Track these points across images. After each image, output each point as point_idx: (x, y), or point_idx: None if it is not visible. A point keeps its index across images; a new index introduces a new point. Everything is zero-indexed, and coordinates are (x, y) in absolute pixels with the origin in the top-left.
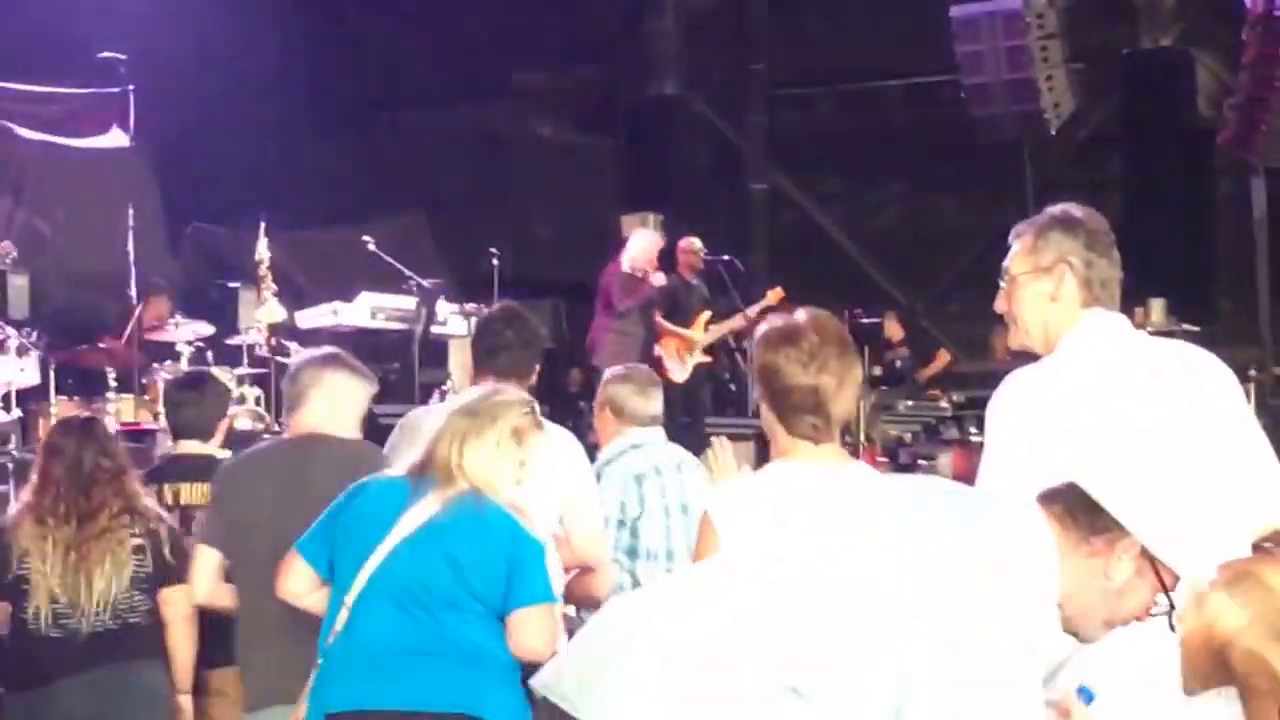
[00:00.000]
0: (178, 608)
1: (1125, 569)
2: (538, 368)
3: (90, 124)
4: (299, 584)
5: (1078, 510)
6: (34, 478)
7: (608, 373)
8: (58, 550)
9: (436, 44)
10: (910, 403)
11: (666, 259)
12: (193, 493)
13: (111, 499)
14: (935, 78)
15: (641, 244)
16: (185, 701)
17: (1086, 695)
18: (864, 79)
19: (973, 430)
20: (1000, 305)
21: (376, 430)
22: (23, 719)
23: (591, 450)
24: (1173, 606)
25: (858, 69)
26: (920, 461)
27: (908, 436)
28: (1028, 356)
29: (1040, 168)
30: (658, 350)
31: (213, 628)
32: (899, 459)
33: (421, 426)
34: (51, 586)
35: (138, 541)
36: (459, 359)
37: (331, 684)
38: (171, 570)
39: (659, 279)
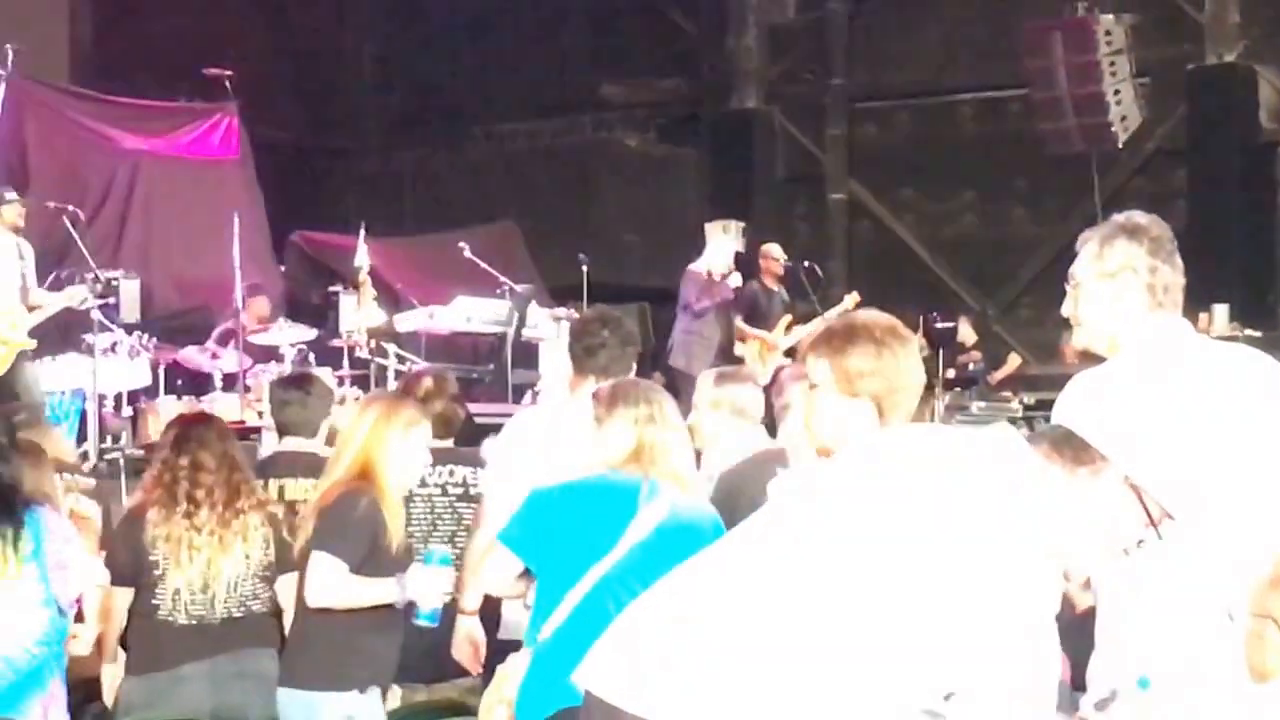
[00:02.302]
0: (293, 595)
1: (1108, 496)
2: (634, 367)
3: (197, 136)
4: (503, 574)
5: (1062, 445)
6: (158, 469)
7: (712, 373)
8: (199, 539)
9: (528, 59)
10: (982, 404)
11: (747, 265)
12: (297, 488)
13: (239, 488)
14: (1007, 92)
15: (718, 248)
16: None
17: (1143, 684)
18: (938, 93)
19: None
20: (1067, 309)
21: (473, 430)
22: (143, 703)
23: None
24: (1160, 537)
25: (933, 83)
26: None
27: None
28: (1096, 359)
29: (1107, 179)
30: (739, 352)
31: None
32: None
33: (537, 426)
34: (186, 573)
35: (263, 529)
36: (550, 361)
37: (553, 680)
38: (290, 558)
39: (735, 281)
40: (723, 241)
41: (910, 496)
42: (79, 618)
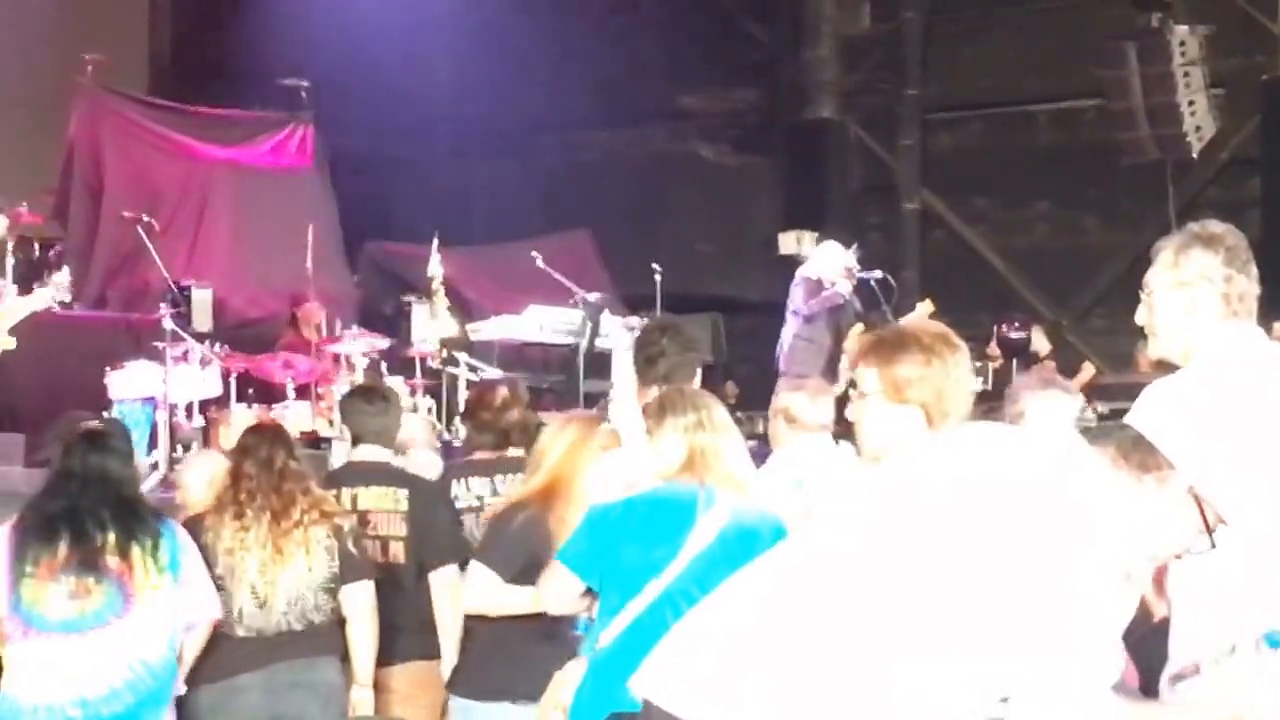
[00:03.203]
0: (360, 604)
1: (1173, 504)
2: (698, 374)
3: (273, 146)
4: (564, 594)
5: (1130, 451)
6: (226, 477)
7: (781, 382)
8: (256, 546)
9: (601, 69)
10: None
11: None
12: (369, 497)
13: (300, 498)
14: (1080, 102)
15: (828, 254)
16: (366, 695)
17: (1271, 641)
18: (1012, 103)
19: None
20: (1141, 317)
21: None
22: (204, 713)
23: (759, 456)
24: (1213, 545)
25: (1006, 93)
26: None
27: None
28: (1171, 369)
29: (1181, 188)
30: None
31: (384, 627)
32: None
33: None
34: (249, 584)
35: (326, 542)
36: (621, 370)
37: (610, 689)
38: (355, 568)
39: (844, 288)
40: (831, 247)
41: (970, 504)
42: None
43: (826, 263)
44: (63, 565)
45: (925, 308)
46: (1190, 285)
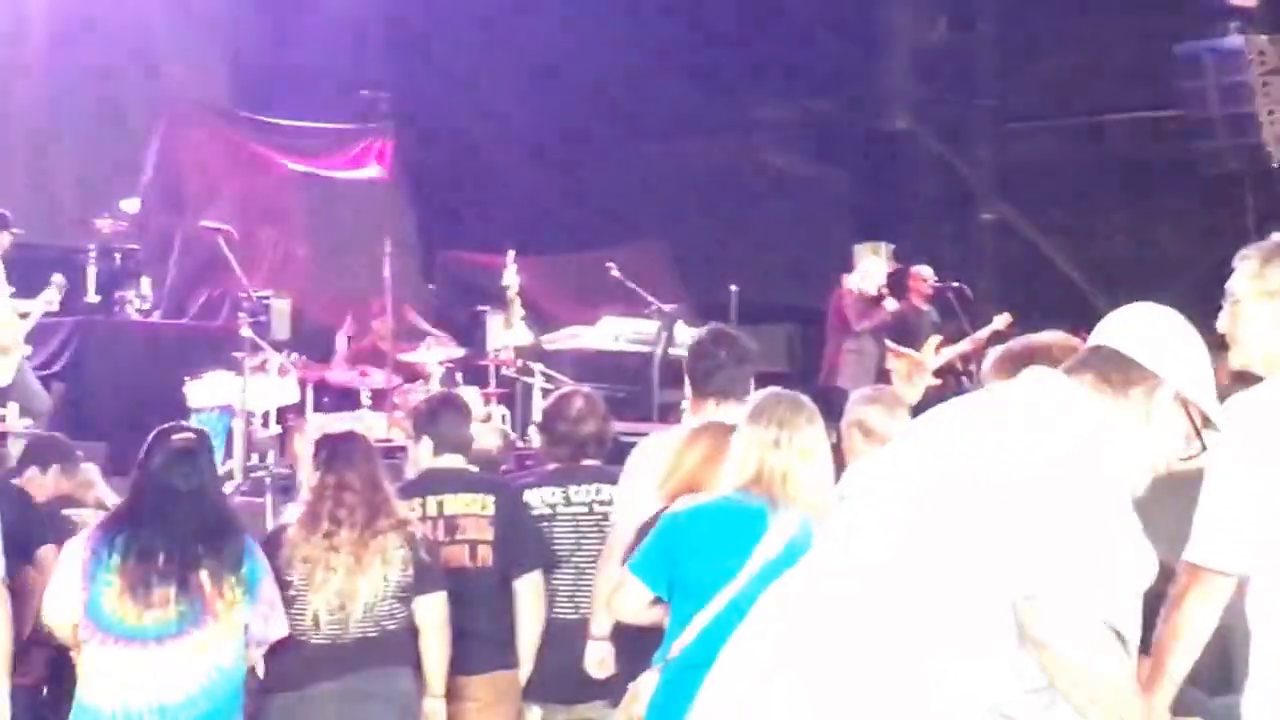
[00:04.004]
0: (433, 615)
1: (1164, 412)
2: (751, 385)
3: (350, 156)
4: (633, 602)
5: (1110, 371)
6: (307, 489)
7: (855, 394)
8: (336, 559)
9: (676, 78)
10: None
11: (897, 286)
12: (457, 503)
13: (380, 508)
14: (1158, 112)
15: (871, 268)
16: (439, 705)
17: None
18: (1089, 113)
19: None
20: (1223, 325)
21: (617, 448)
22: None
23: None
24: (1204, 448)
25: (1083, 103)
26: None
27: None
28: (1252, 379)
29: (1260, 199)
30: (888, 364)
31: (466, 635)
32: None
33: (660, 448)
34: (323, 594)
35: (401, 551)
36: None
37: (681, 698)
38: (428, 578)
39: (891, 305)
40: (874, 263)
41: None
42: None
43: (867, 278)
44: (144, 574)
45: (1003, 320)
46: (1276, 296)
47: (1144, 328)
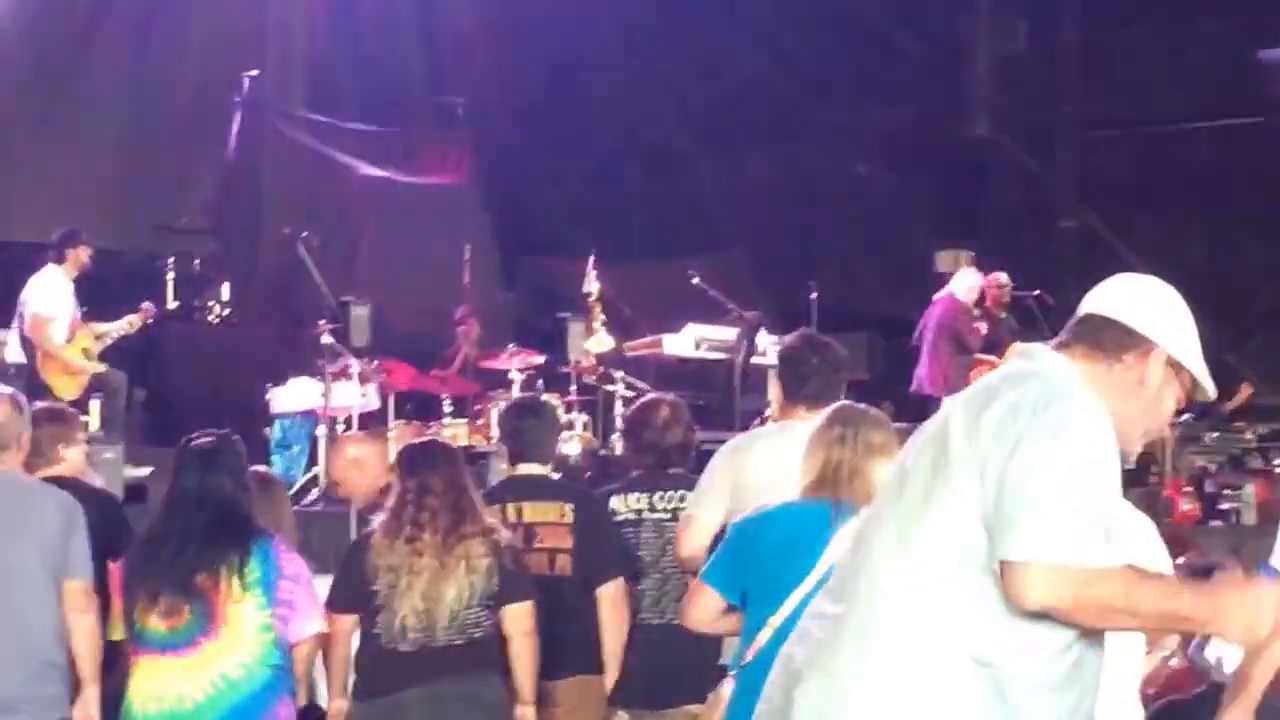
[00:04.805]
0: (520, 623)
1: (1159, 374)
2: (843, 393)
3: (429, 163)
4: (707, 611)
5: (1103, 338)
6: (391, 497)
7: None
8: (421, 565)
9: (759, 86)
10: (1215, 434)
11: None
12: (536, 511)
13: (464, 514)
14: (1241, 119)
15: (973, 280)
16: (529, 712)
17: (1269, 571)
18: (1171, 121)
19: (1277, 462)
20: None
21: (700, 456)
22: None
23: None
24: (1194, 416)
25: (1165, 111)
26: (1225, 491)
27: (1212, 467)
28: None
29: None
30: (973, 375)
31: (547, 641)
32: (1204, 489)
33: (747, 449)
34: (409, 600)
35: (487, 558)
36: (777, 388)
37: (754, 705)
38: (515, 585)
39: (976, 312)
40: (972, 275)
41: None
42: None
43: (966, 289)
44: (161, 585)
45: None
46: None
47: (1133, 295)
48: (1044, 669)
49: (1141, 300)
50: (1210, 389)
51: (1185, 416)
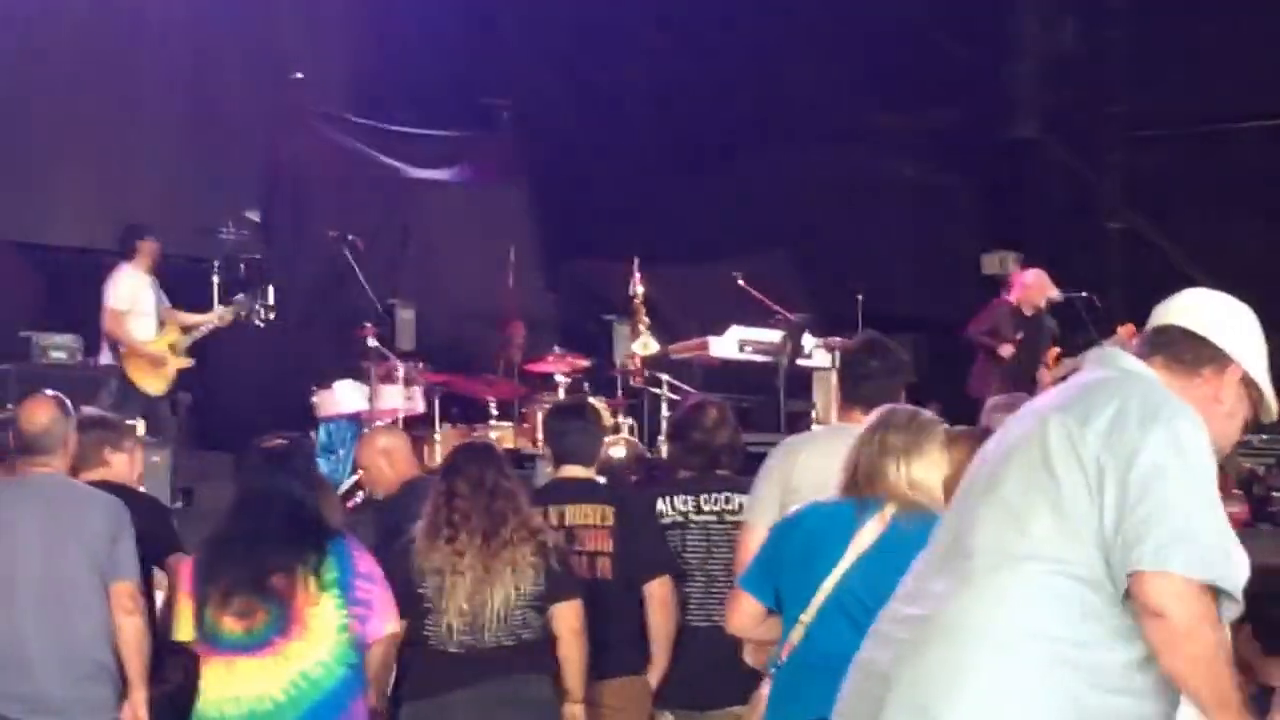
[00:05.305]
0: (568, 622)
1: (1234, 391)
2: (901, 396)
3: (473, 165)
4: (746, 618)
5: (1182, 351)
6: (434, 498)
7: (991, 401)
8: (466, 566)
9: (801, 85)
10: (1264, 436)
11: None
12: (578, 514)
13: (511, 516)
14: None
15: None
16: (579, 710)
17: None
18: (1221, 120)
19: None
20: None
21: (746, 459)
22: None
23: None
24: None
25: (1215, 110)
26: (1274, 494)
27: (1261, 469)
28: None
29: None
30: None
31: (590, 642)
32: (1253, 491)
33: (799, 451)
34: (459, 602)
35: (533, 560)
36: (822, 390)
37: (793, 699)
38: (562, 586)
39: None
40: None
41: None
42: None
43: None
44: (234, 586)
45: (1125, 331)
46: None
47: (1214, 310)
48: (1131, 675)
49: (1222, 316)
50: (1275, 410)
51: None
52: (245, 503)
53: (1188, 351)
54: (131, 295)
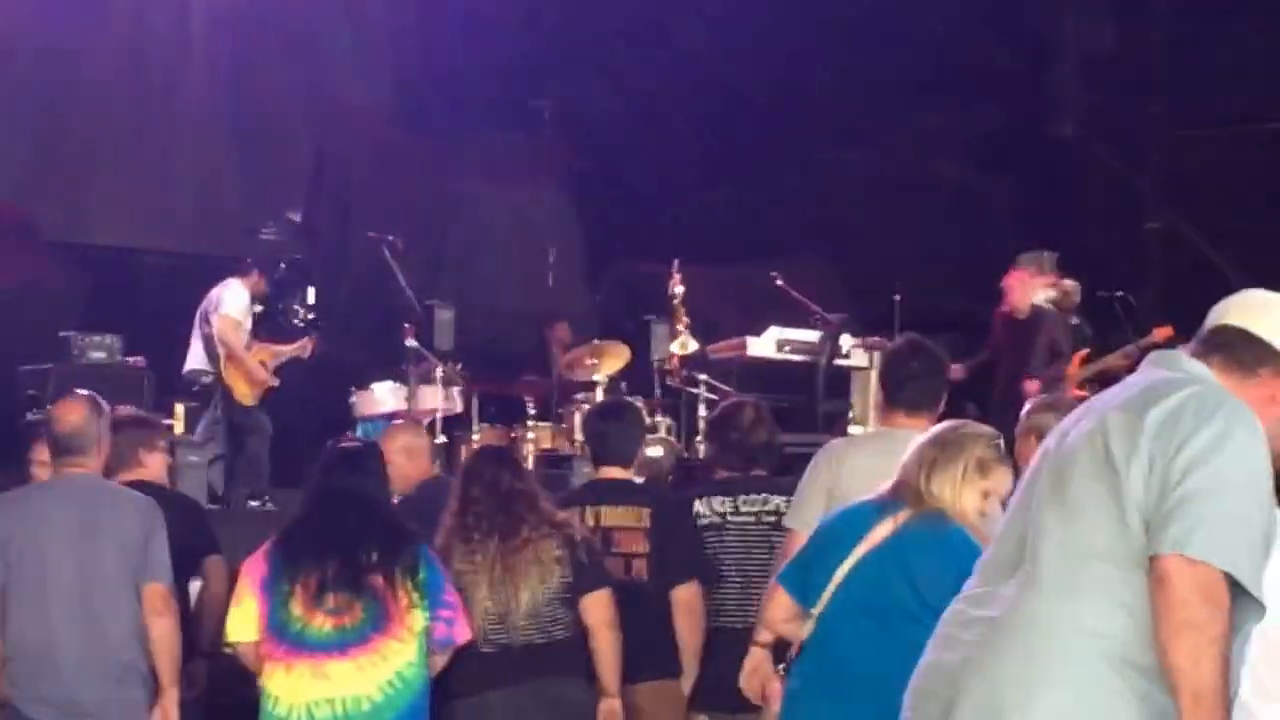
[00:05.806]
0: (599, 613)
1: None
2: (944, 398)
3: (515, 166)
4: (780, 610)
5: (1240, 352)
6: (453, 502)
7: (1032, 402)
8: (485, 566)
9: (842, 87)
10: None
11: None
12: (614, 515)
13: (528, 514)
14: None
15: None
16: (615, 705)
17: None
18: (1261, 120)
19: None
20: None
21: (782, 459)
22: None
23: None
24: None
25: (1255, 110)
26: None
27: None
28: None
29: None
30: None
31: (626, 645)
32: None
33: (844, 454)
34: (484, 602)
35: (558, 553)
36: (860, 390)
37: (804, 698)
38: (591, 578)
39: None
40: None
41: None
42: None
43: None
44: (329, 583)
45: (1162, 333)
46: None
47: (1270, 311)
48: None
49: (1275, 316)
50: None
51: None
52: (324, 501)
53: (1245, 352)
54: (246, 310)
